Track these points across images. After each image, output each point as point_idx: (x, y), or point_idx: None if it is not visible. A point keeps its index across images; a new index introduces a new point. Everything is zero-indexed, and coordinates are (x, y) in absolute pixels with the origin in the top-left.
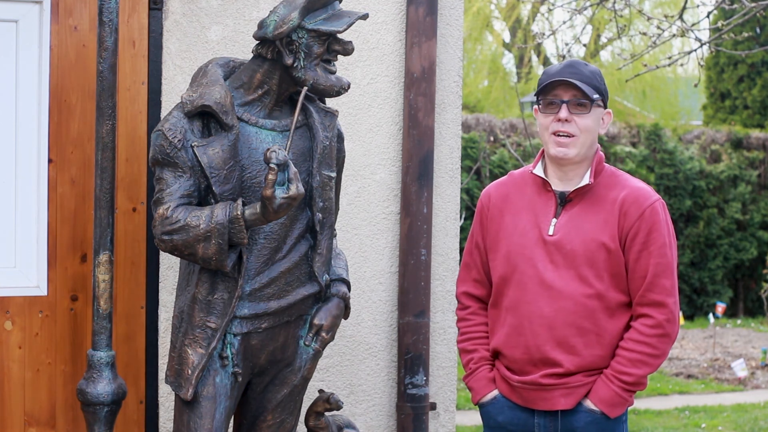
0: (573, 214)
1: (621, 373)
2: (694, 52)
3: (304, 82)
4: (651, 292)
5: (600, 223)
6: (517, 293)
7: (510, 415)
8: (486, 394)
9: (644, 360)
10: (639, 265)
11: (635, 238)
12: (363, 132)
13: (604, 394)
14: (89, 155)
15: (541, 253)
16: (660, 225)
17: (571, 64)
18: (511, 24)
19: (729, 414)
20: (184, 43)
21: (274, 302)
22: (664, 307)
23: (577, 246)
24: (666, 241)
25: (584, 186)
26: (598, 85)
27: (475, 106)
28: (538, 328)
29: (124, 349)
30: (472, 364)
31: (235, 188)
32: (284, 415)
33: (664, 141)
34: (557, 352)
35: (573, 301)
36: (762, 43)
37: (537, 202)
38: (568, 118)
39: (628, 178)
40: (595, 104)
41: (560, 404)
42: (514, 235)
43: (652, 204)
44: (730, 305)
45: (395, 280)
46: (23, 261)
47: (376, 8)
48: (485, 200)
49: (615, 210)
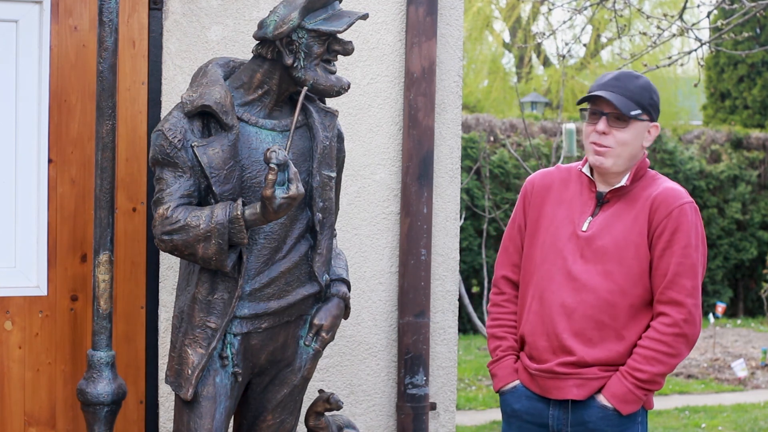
0: (609, 214)
1: (635, 370)
2: (694, 52)
3: (304, 82)
4: (670, 290)
5: (631, 221)
6: (544, 282)
7: (527, 405)
8: (509, 383)
9: (659, 358)
10: (662, 263)
11: (661, 236)
12: (363, 132)
13: (617, 390)
14: (89, 155)
15: (572, 247)
16: (686, 226)
17: (618, 77)
18: (511, 24)
19: (729, 414)
20: (184, 43)
21: (274, 302)
22: (682, 306)
23: (607, 242)
24: (691, 243)
25: (621, 187)
26: (641, 100)
27: (475, 106)
28: (558, 317)
29: (124, 349)
30: (499, 351)
31: (235, 188)
32: (284, 415)
33: (664, 141)
34: (573, 341)
35: (595, 294)
36: (762, 43)
37: (578, 199)
38: (606, 131)
39: (666, 181)
40: (636, 119)
41: (572, 394)
42: (551, 226)
43: (682, 205)
44: (730, 305)
45: (395, 280)
46: (23, 261)
47: (376, 8)
48: (529, 187)
49: (646, 207)
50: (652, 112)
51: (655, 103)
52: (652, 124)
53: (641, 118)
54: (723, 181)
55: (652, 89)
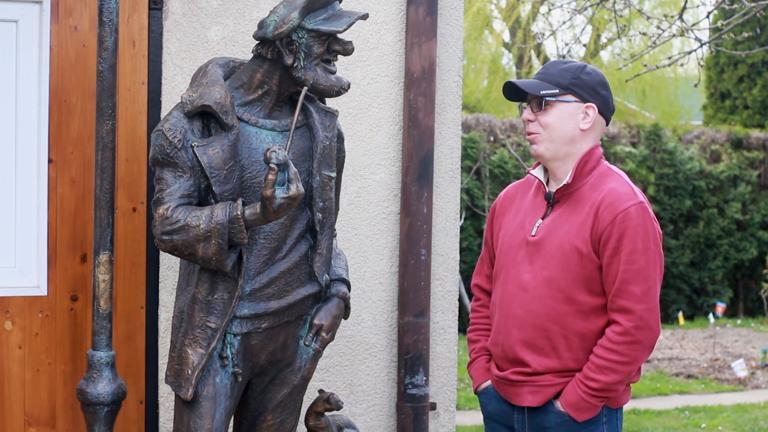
0: (557, 215)
1: (588, 379)
2: (694, 52)
3: (304, 82)
4: (619, 298)
5: (576, 226)
6: (501, 292)
7: (497, 407)
8: (482, 383)
9: (611, 367)
10: (611, 270)
11: (607, 243)
12: (363, 132)
13: (571, 398)
14: (89, 155)
15: (523, 255)
16: (631, 231)
17: (545, 65)
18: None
19: (729, 414)
20: (184, 43)
21: (274, 302)
22: (631, 313)
23: (552, 248)
24: (637, 247)
25: (566, 186)
26: (560, 81)
27: (475, 106)
28: (510, 328)
29: (124, 349)
30: (473, 353)
31: (235, 188)
32: (284, 415)
33: (664, 141)
34: (525, 352)
35: (542, 303)
36: (762, 43)
37: (532, 203)
38: (531, 118)
39: (614, 179)
40: (558, 100)
41: (527, 401)
42: (506, 235)
43: (626, 209)
44: (730, 305)
45: (395, 280)
46: (23, 261)
47: (376, 8)
48: (497, 199)
49: (591, 213)
50: (579, 91)
51: (584, 82)
52: (586, 104)
53: (565, 99)
54: (723, 181)
55: (582, 70)
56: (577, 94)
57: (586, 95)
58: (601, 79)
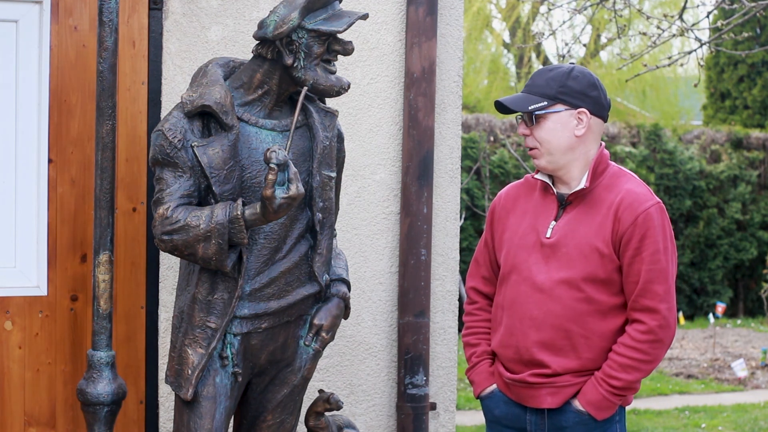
0: (571, 216)
1: (610, 377)
2: (694, 52)
3: (304, 82)
4: (643, 297)
5: (595, 227)
6: (512, 294)
7: (505, 410)
8: (486, 387)
9: (635, 366)
10: (632, 271)
11: (629, 243)
12: (363, 132)
13: (592, 397)
14: (89, 155)
15: (538, 256)
16: (653, 231)
17: (532, 75)
18: (511, 24)
19: (729, 414)
20: (184, 43)
21: (274, 302)
22: (656, 313)
23: (571, 249)
24: (659, 247)
25: (582, 189)
26: (546, 91)
27: (475, 106)
28: (527, 330)
29: (124, 349)
30: (474, 357)
31: (235, 188)
32: (284, 415)
33: (664, 141)
34: (544, 353)
35: (561, 304)
36: (762, 43)
37: (540, 205)
38: (526, 133)
39: (629, 180)
40: (548, 111)
41: (546, 402)
42: (516, 236)
43: (647, 210)
44: (730, 305)
45: (395, 280)
46: (23, 261)
47: (376, 8)
48: (497, 200)
49: (610, 214)
50: (568, 99)
51: (571, 89)
52: (578, 110)
53: (555, 110)
54: (723, 181)
55: (568, 76)
56: (566, 102)
57: (576, 101)
58: (590, 80)
